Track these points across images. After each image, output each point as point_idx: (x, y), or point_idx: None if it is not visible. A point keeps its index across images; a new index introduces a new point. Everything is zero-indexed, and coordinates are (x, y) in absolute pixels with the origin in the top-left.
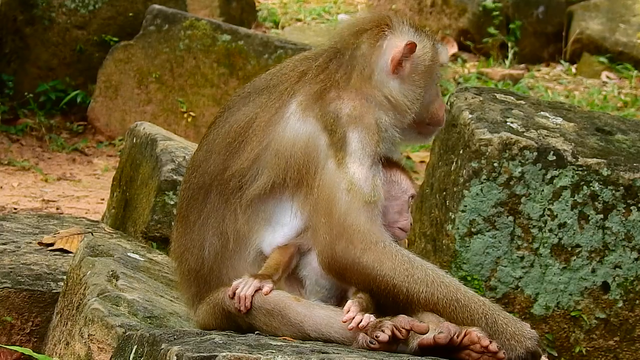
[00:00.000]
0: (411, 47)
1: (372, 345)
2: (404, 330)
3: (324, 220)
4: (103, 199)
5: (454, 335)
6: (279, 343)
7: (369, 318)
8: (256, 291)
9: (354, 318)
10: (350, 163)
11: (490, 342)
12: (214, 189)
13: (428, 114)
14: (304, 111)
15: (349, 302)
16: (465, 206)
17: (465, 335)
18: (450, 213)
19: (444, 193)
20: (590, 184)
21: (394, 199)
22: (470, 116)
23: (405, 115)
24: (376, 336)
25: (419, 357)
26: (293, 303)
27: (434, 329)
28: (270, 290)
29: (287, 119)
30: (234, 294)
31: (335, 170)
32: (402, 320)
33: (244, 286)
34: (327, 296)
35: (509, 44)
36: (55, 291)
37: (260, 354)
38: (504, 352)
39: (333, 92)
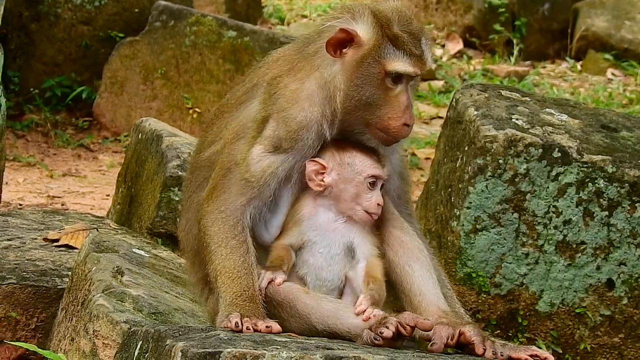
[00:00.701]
0: (347, 34)
1: (377, 342)
2: (408, 327)
3: (211, 176)
4: (108, 195)
5: (448, 340)
6: (283, 339)
7: (378, 313)
8: (269, 283)
9: (364, 311)
10: (255, 144)
11: (484, 345)
12: (199, 169)
13: (375, 118)
14: (261, 94)
15: (361, 296)
16: (471, 203)
17: (460, 336)
18: (456, 210)
19: (449, 190)
20: (596, 181)
21: (347, 182)
22: (475, 113)
23: (335, 106)
24: (380, 332)
25: (424, 353)
26: (302, 295)
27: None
28: (283, 282)
29: (252, 101)
30: None
31: (242, 144)
32: (407, 316)
33: (260, 279)
34: (329, 289)
35: (515, 41)
36: (60, 287)
37: (265, 350)
38: (493, 352)
39: (287, 76)
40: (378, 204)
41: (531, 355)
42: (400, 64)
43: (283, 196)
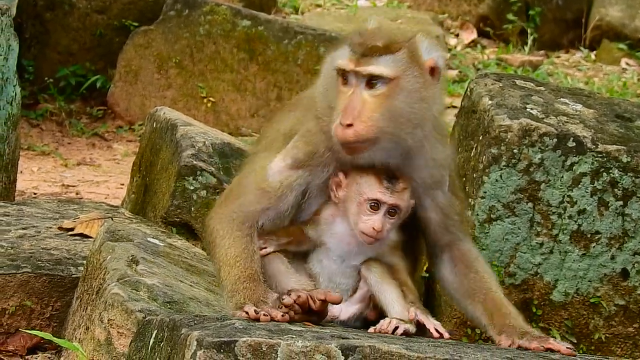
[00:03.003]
0: None
1: (281, 310)
2: (318, 301)
3: (232, 180)
4: (123, 184)
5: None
6: (299, 328)
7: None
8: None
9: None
10: (278, 155)
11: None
12: None
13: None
14: (299, 108)
15: (411, 309)
16: (485, 192)
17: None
18: (470, 199)
19: (464, 179)
20: (610, 171)
21: (351, 200)
22: (489, 102)
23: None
24: (282, 299)
25: (439, 342)
26: (275, 261)
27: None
28: (268, 253)
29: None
30: None
31: (265, 154)
32: (319, 290)
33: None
34: (342, 290)
35: (529, 30)
36: (75, 276)
37: (280, 339)
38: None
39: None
40: (374, 228)
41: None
42: (340, 59)
43: (308, 208)
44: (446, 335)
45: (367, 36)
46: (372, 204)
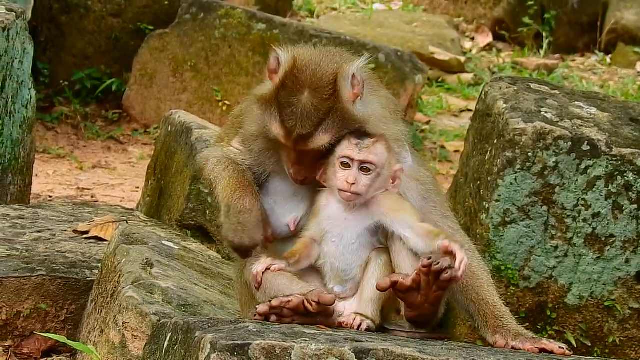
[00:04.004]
0: (273, 66)
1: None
2: (313, 303)
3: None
4: (138, 187)
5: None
6: (312, 331)
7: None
8: (267, 269)
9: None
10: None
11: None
12: None
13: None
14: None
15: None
16: (499, 196)
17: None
18: (484, 202)
19: (478, 182)
20: (625, 174)
21: (331, 172)
22: (504, 106)
23: None
24: (256, 308)
25: (453, 345)
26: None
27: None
28: (279, 269)
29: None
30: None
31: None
32: (313, 292)
33: (258, 264)
34: (343, 279)
35: (544, 34)
36: (89, 279)
37: (294, 342)
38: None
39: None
40: (347, 182)
41: (540, 349)
42: (275, 131)
43: (279, 188)
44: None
45: (304, 115)
46: (343, 162)
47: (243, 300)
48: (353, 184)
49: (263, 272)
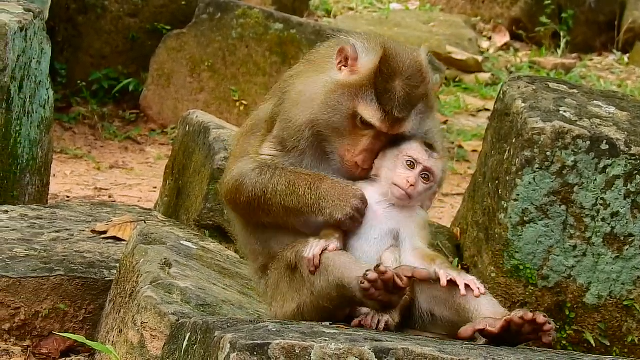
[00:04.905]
0: (350, 54)
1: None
2: (405, 278)
3: (226, 166)
4: (156, 187)
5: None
6: (332, 331)
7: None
8: (323, 250)
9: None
10: (265, 141)
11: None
12: None
13: (337, 143)
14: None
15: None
16: (518, 195)
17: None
18: (503, 202)
19: (497, 182)
20: None
21: (387, 159)
22: (523, 105)
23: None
24: (365, 275)
25: (473, 344)
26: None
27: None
28: (336, 248)
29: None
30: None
31: (254, 139)
32: (404, 267)
33: (311, 248)
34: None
35: (562, 33)
36: (108, 279)
37: (313, 341)
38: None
39: (296, 77)
40: (407, 181)
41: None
42: (370, 114)
43: None
44: (482, 289)
45: (410, 97)
46: (409, 162)
47: (282, 290)
48: (412, 185)
49: (320, 254)
